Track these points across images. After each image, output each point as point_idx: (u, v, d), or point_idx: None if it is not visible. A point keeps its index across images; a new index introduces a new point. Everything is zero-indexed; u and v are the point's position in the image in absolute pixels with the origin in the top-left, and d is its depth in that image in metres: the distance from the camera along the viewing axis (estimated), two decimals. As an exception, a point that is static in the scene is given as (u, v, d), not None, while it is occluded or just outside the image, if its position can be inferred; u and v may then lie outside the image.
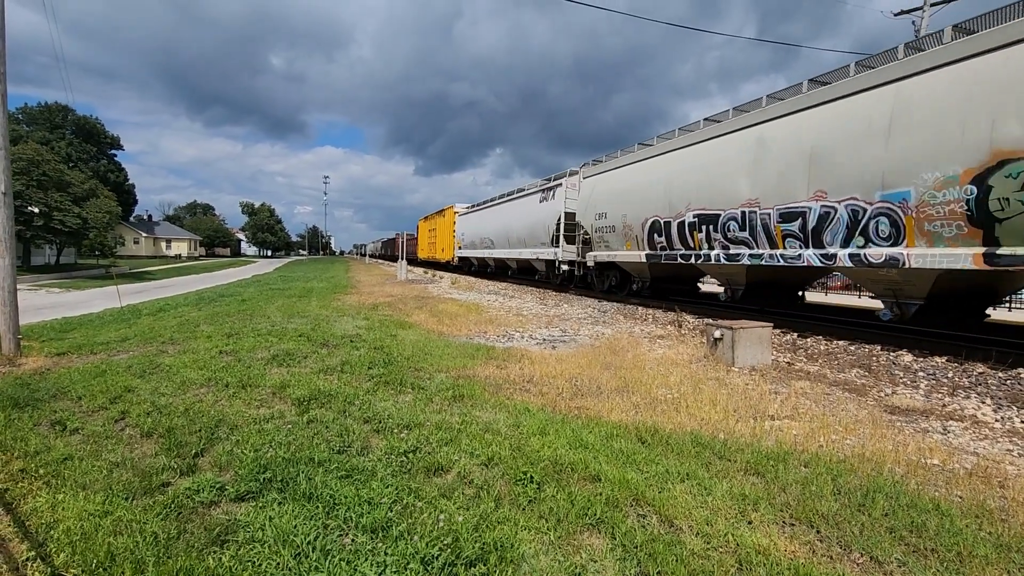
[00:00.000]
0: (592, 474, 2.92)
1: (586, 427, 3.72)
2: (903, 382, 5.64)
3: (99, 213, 35.91)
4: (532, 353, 6.47)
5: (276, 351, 6.20)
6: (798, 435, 3.71)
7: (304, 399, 4.25)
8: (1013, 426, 4.22)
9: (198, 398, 4.35)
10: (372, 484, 2.74)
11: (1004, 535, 2.37)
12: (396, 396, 4.49)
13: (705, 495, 2.71)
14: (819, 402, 4.67)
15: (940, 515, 2.51)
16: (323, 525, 2.37)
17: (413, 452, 3.20)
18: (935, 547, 2.26)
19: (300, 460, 3.03)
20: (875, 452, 3.36)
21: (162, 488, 2.76)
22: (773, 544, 2.28)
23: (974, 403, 4.83)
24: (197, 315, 9.96)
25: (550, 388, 4.85)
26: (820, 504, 2.61)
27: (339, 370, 5.35)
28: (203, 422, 3.70)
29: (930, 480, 2.99)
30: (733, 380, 5.35)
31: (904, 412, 4.53)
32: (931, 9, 21.00)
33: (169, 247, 73.83)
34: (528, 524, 2.41)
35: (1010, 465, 3.31)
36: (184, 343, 6.83)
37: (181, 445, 3.29)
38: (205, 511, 2.53)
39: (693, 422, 3.92)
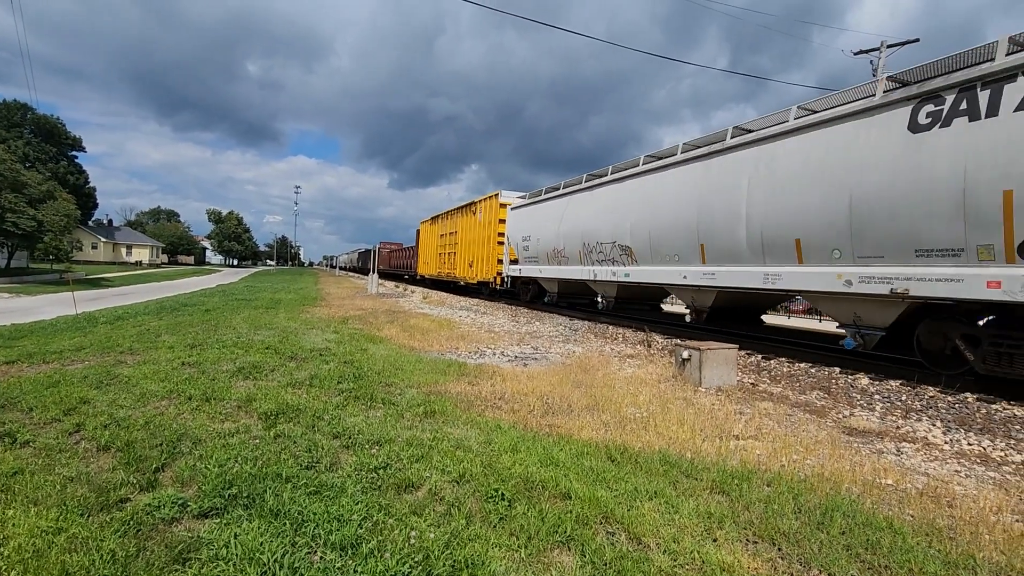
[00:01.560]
0: (563, 492, 2.94)
1: (557, 445, 3.75)
2: (860, 404, 5.86)
3: (56, 216, 34.50)
4: (504, 370, 6.49)
5: (242, 363, 6.06)
6: (761, 455, 3.82)
7: (271, 413, 4.17)
8: (961, 448, 4.44)
9: (159, 411, 4.21)
10: (342, 500, 2.71)
11: (952, 552, 2.48)
12: (366, 411, 4.44)
13: (672, 513, 2.76)
14: (781, 423, 4.81)
15: (893, 533, 2.62)
16: (291, 542, 2.33)
17: (384, 468, 3.17)
18: (888, 564, 2.36)
19: (267, 476, 2.97)
20: (834, 472, 3.49)
21: (120, 504, 2.66)
22: (737, 561, 2.34)
23: (925, 425, 5.05)
24: (158, 324, 9.65)
25: (522, 405, 4.87)
26: (782, 522, 2.70)
27: (308, 384, 5.26)
28: (164, 436, 3.59)
29: (884, 499, 3.12)
30: (700, 400, 5.47)
31: (861, 434, 4.71)
32: (887, 50, 22.28)
33: (129, 253, 71.32)
34: (499, 541, 2.41)
35: (958, 485, 3.48)
36: (144, 353, 6.61)
37: (141, 459, 3.19)
38: (166, 528, 2.45)
39: (661, 441, 3.99)
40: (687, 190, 10.06)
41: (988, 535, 2.68)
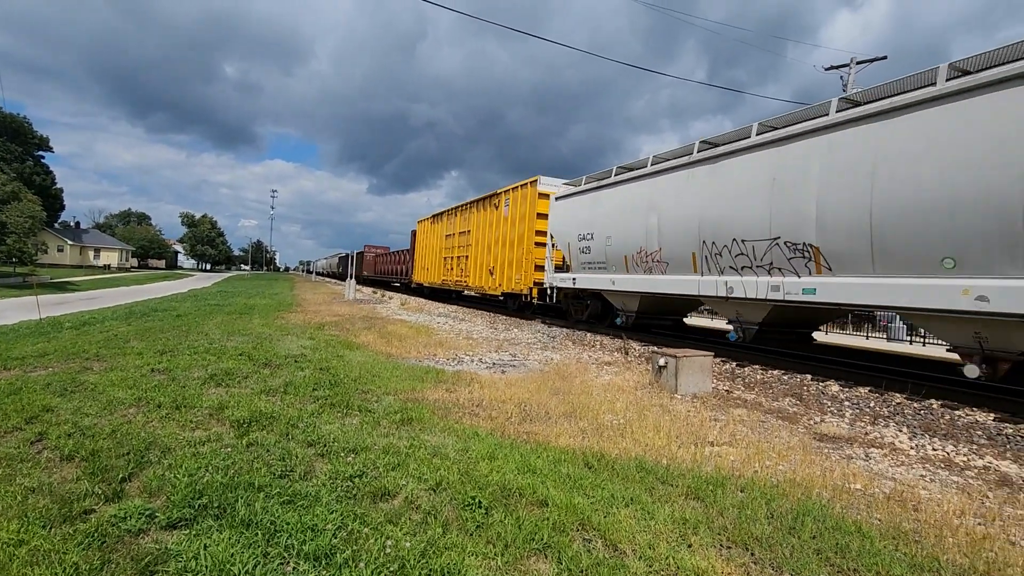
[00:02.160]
0: (540, 499, 2.94)
1: (534, 452, 3.75)
2: (831, 411, 6.00)
3: (20, 217, 33.41)
4: (482, 377, 6.47)
5: (214, 370, 5.93)
6: (735, 461, 3.88)
7: (244, 421, 4.08)
8: (926, 453, 4.57)
9: (126, 419, 4.09)
10: (316, 510, 2.66)
11: (917, 555, 2.55)
12: (342, 419, 4.38)
13: (648, 519, 2.79)
14: (755, 429, 4.89)
15: (861, 537, 2.68)
16: (263, 553, 2.28)
17: (359, 477, 3.13)
18: (857, 567, 2.41)
19: (239, 485, 2.90)
20: (805, 477, 3.56)
21: (84, 515, 2.58)
22: (711, 567, 2.36)
23: (892, 431, 5.19)
24: (126, 330, 9.38)
25: (499, 413, 4.87)
26: (755, 527, 2.74)
27: (282, 391, 5.17)
28: (132, 445, 3.49)
29: (853, 504, 3.19)
30: (676, 407, 5.54)
31: (831, 439, 4.82)
32: (856, 67, 23.03)
33: (97, 257, 69.30)
34: (476, 550, 2.40)
35: (923, 490, 3.58)
36: (111, 360, 6.42)
37: (106, 469, 3.09)
38: (132, 540, 2.38)
39: (638, 448, 4.03)
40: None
41: (952, 538, 2.76)
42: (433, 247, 26.20)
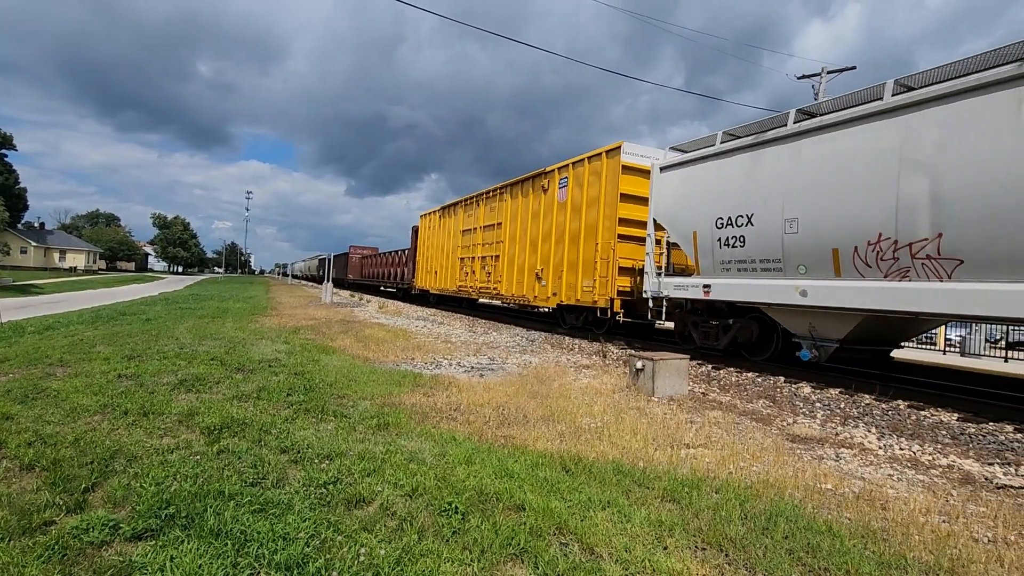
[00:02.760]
0: (517, 503, 2.93)
1: (512, 456, 3.74)
2: (803, 412, 6.12)
3: (-20, 217, 32.21)
4: (460, 381, 6.44)
5: (184, 376, 5.78)
6: (711, 462, 3.92)
7: (215, 428, 3.98)
8: (893, 453, 4.69)
9: (91, 427, 3.96)
10: (288, 518, 2.61)
11: (885, 553, 2.61)
12: (317, 424, 4.31)
13: (625, 522, 2.80)
14: (730, 431, 4.96)
15: (832, 536, 2.73)
16: (232, 564, 2.22)
17: (333, 483, 3.08)
18: (827, 566, 2.46)
19: (208, 494, 2.83)
20: (778, 478, 3.62)
21: (44, 527, 2.48)
22: (686, 568, 2.38)
23: (862, 432, 5.32)
24: (93, 334, 9.09)
25: (477, 417, 4.84)
26: (729, 528, 2.77)
27: (255, 397, 5.07)
28: (96, 453, 3.37)
29: (824, 504, 3.26)
30: (653, 410, 5.58)
31: (803, 440, 4.91)
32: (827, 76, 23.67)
33: (63, 259, 67.12)
34: (451, 556, 2.38)
35: (891, 489, 3.67)
36: (76, 365, 6.21)
37: (69, 479, 2.98)
38: (95, 552, 2.29)
39: (615, 451, 4.05)
40: None
41: (918, 536, 2.83)
42: (442, 246, 21.66)
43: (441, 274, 21.87)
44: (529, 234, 14.82)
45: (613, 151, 11.58)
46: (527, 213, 15.00)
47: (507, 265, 15.98)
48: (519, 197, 15.61)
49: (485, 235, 17.70)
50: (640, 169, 11.28)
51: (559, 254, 13.18)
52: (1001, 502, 3.47)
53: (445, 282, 21.29)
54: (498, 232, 16.71)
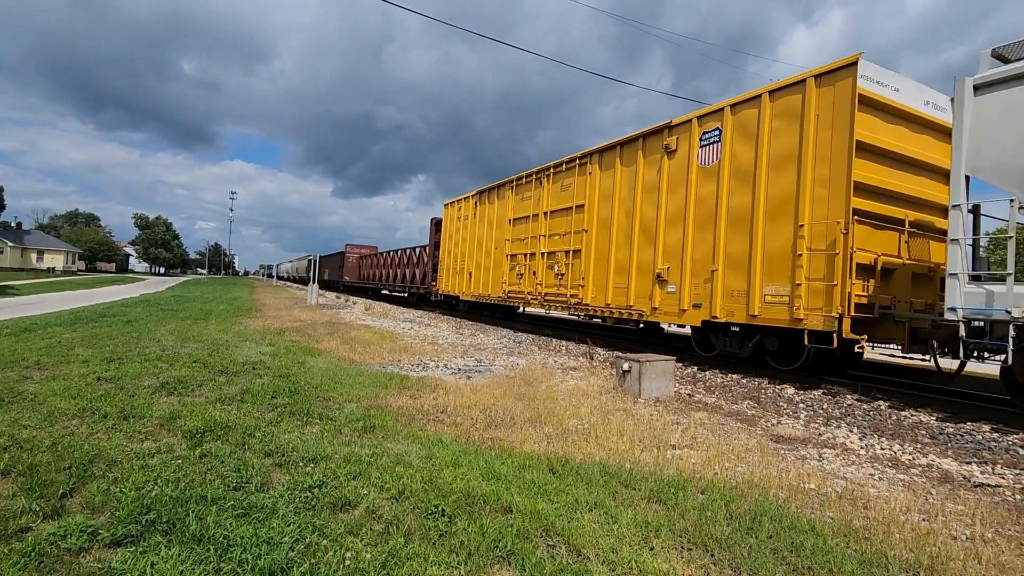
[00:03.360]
0: (504, 506, 2.93)
1: (499, 458, 3.73)
2: (787, 413, 6.19)
3: (-46, 217, 31.42)
4: (447, 383, 6.42)
5: (166, 378, 5.69)
6: (696, 463, 3.95)
7: (197, 431, 3.92)
8: (875, 453, 4.76)
9: (69, 431, 3.87)
10: (272, 522, 2.58)
11: (867, 552, 2.65)
12: (302, 427, 4.27)
13: (611, 523, 2.81)
14: (715, 432, 5.00)
15: (815, 535, 2.77)
16: (215, 569, 2.19)
17: (319, 487, 3.05)
18: (811, 565, 2.49)
19: (190, 498, 2.78)
20: (762, 478, 3.65)
21: (20, 534, 2.42)
22: (672, 569, 2.40)
23: (844, 432, 5.40)
24: (72, 337, 8.91)
25: (464, 419, 4.83)
26: (714, 528, 2.79)
27: (239, 399, 5.00)
28: (74, 458, 3.30)
29: (807, 503, 3.30)
30: (639, 411, 5.61)
31: (787, 441, 4.97)
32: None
33: (41, 259, 65.79)
34: (438, 559, 2.37)
35: (872, 488, 3.72)
36: (54, 368, 6.08)
37: (46, 484, 2.91)
38: (73, 559, 2.25)
39: (602, 452, 4.06)
40: None
41: (898, 534, 2.87)
42: (480, 241, 17.18)
43: (478, 276, 17.14)
44: (639, 218, 10.31)
45: (840, 71, 7.15)
46: (634, 188, 10.49)
47: (594, 263, 11.56)
48: (617, 167, 11.06)
49: (553, 223, 13.28)
50: (891, 107, 7.46)
51: (705, 245, 8.83)
52: (979, 500, 3.54)
53: (484, 286, 16.65)
54: (577, 218, 12.18)
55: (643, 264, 10.23)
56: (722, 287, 8.53)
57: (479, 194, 17.64)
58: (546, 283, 13.42)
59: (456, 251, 19.40)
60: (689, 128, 9.41)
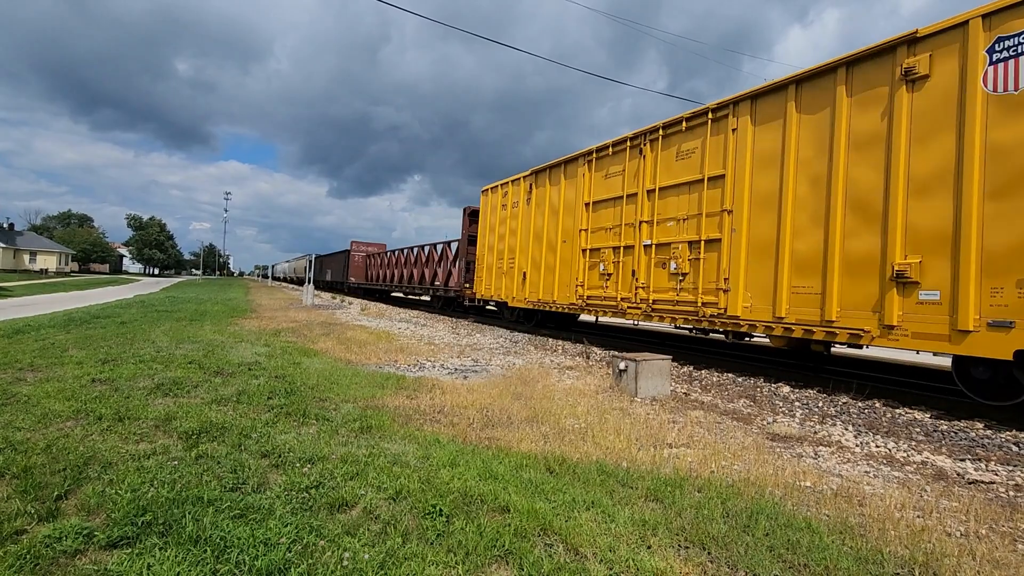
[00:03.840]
0: (501, 505, 2.93)
1: (496, 458, 3.73)
2: (782, 411, 6.22)
3: (-54, 218, 31.16)
4: (443, 383, 6.41)
5: (161, 379, 5.66)
6: (693, 462, 3.96)
7: (193, 432, 3.91)
8: (870, 450, 4.79)
9: (63, 432, 3.85)
10: (269, 523, 2.57)
11: (862, 549, 2.66)
12: (298, 428, 4.26)
13: (609, 522, 2.81)
14: (711, 430, 5.02)
15: (811, 532, 2.78)
16: (212, 571, 2.18)
17: (316, 487, 3.04)
18: (807, 562, 2.50)
19: (186, 500, 2.77)
20: (758, 476, 3.67)
21: (15, 537, 2.40)
22: (670, 567, 2.40)
23: (839, 430, 5.42)
24: (65, 338, 8.86)
25: (461, 419, 4.83)
26: (711, 527, 2.80)
27: (235, 400, 4.99)
28: (69, 460, 3.29)
29: (803, 501, 3.31)
30: (636, 410, 5.62)
31: (783, 439, 4.99)
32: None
33: (33, 261, 65.36)
34: (436, 559, 2.37)
35: (867, 485, 3.74)
36: (48, 370, 6.05)
37: (40, 487, 2.90)
38: (68, 561, 2.23)
39: (599, 451, 4.07)
40: None
41: (894, 531, 2.89)
42: (535, 231, 13.72)
43: (536, 277, 13.54)
44: (843, 187, 7.03)
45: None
46: (828, 144, 7.24)
47: (748, 257, 8.22)
48: (788, 116, 7.76)
49: (663, 204, 9.81)
50: None
51: (1015, 225, 5.48)
52: (973, 497, 3.57)
53: (547, 289, 13.02)
54: (711, 195, 8.87)
55: (857, 257, 6.78)
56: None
57: (534, 175, 14.05)
58: (655, 285, 9.78)
59: (501, 246, 15.69)
60: (960, 37, 5.96)
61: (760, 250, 8.05)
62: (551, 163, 13.27)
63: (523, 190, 14.59)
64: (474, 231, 17.98)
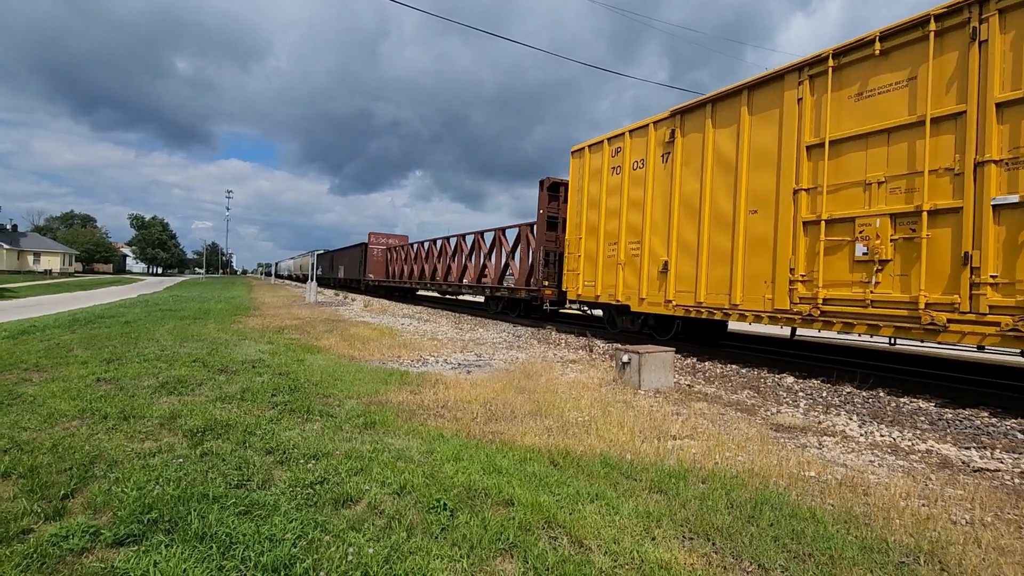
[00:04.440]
0: (506, 499, 2.94)
1: (500, 452, 3.74)
2: (786, 402, 6.21)
3: (-51, 220, 31.27)
4: (447, 378, 6.42)
5: (166, 378, 5.69)
6: (697, 453, 3.96)
7: (198, 430, 3.93)
8: (874, 440, 4.78)
9: (69, 432, 3.87)
10: (274, 519, 2.58)
11: (867, 538, 2.66)
12: (302, 425, 4.27)
13: (613, 514, 2.81)
14: (715, 422, 5.01)
15: (816, 522, 2.78)
16: (218, 567, 2.19)
17: (320, 483, 3.05)
18: (812, 552, 2.50)
19: (192, 497, 2.78)
20: (763, 467, 3.66)
21: (22, 536, 2.42)
22: (674, 558, 2.40)
23: (844, 420, 5.41)
24: (70, 338, 8.90)
25: (465, 413, 4.84)
26: (715, 518, 2.80)
27: (239, 398, 5.00)
28: (75, 459, 3.30)
29: (808, 491, 3.31)
30: (639, 402, 5.62)
31: (787, 429, 4.99)
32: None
33: (37, 261, 65.61)
34: (441, 553, 2.37)
35: (872, 475, 3.74)
36: (53, 370, 6.07)
37: (46, 486, 2.91)
38: (75, 559, 2.25)
39: (602, 444, 4.07)
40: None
41: (898, 519, 2.89)
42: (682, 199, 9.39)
43: (686, 268, 9.21)
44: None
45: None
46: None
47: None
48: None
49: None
50: None
51: None
52: (978, 485, 3.56)
53: (713, 287, 8.68)
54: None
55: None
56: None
57: (678, 116, 9.44)
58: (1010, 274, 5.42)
59: (612, 226, 11.09)
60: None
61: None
62: (715, 94, 8.84)
63: (655, 142, 10.03)
64: (555, 210, 13.89)
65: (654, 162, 10.08)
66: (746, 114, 8.25)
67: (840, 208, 6.94)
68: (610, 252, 11.19)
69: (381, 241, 32.16)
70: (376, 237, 32.53)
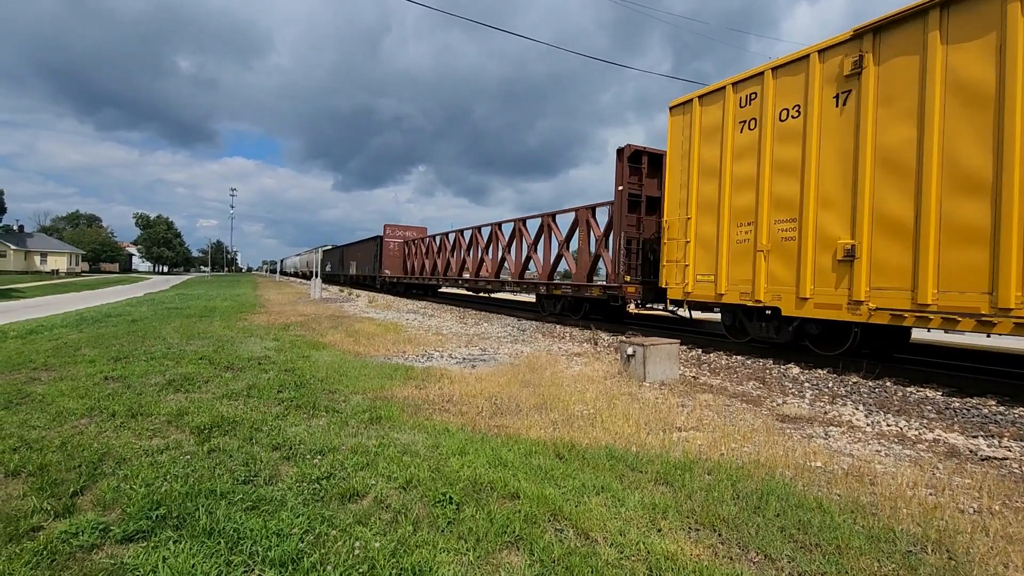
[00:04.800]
0: (511, 492, 2.94)
1: (505, 445, 3.75)
2: (792, 392, 6.19)
3: (-44, 222, 31.49)
4: (452, 372, 6.43)
5: (172, 376, 5.72)
6: (702, 445, 3.96)
7: (205, 427, 3.95)
8: (881, 429, 4.76)
9: (78, 430, 3.90)
10: (281, 514, 2.60)
11: (874, 527, 2.65)
12: (308, 420, 4.29)
13: (619, 506, 2.82)
14: (721, 413, 5.01)
15: (822, 512, 2.77)
16: (226, 562, 2.21)
17: (327, 478, 3.07)
18: (818, 542, 2.49)
19: (200, 493, 2.80)
20: (769, 458, 3.66)
21: (32, 533, 2.44)
22: (680, 549, 2.40)
23: (850, 410, 5.39)
24: (78, 337, 8.96)
25: (470, 407, 4.84)
26: (721, 509, 2.80)
27: (245, 395, 5.03)
28: (84, 457, 3.33)
29: (814, 481, 3.30)
30: (644, 395, 5.62)
31: (793, 420, 4.97)
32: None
33: (44, 262, 66.00)
34: (447, 546, 2.38)
35: (879, 464, 3.73)
36: (61, 369, 6.12)
37: (56, 484, 2.94)
38: (85, 556, 2.27)
39: (608, 436, 4.07)
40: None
41: (906, 509, 2.88)
42: (882, 155, 6.49)
43: (891, 254, 6.38)
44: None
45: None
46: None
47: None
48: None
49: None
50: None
51: None
52: (985, 473, 3.54)
53: (949, 278, 5.83)
54: None
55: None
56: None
57: (872, 32, 6.67)
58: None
59: (741, 201, 8.43)
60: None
61: None
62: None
63: (820, 79, 7.31)
64: (636, 186, 11.16)
65: (820, 107, 7.31)
66: (1019, 13, 5.40)
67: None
68: (741, 236, 8.40)
69: (398, 234, 29.20)
70: (392, 229, 29.44)
